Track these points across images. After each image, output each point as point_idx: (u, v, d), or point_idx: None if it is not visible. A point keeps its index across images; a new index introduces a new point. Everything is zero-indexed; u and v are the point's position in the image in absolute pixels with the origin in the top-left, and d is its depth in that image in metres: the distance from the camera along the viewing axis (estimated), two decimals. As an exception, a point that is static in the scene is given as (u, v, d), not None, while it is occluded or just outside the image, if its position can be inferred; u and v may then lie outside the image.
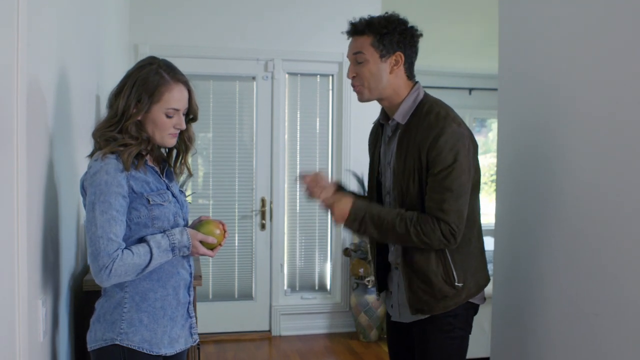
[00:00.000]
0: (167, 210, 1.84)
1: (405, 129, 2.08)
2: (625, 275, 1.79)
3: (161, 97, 1.80)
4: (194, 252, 1.87)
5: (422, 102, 2.09)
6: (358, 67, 2.10)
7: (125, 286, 1.80)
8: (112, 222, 1.71)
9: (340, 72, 5.05)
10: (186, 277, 1.92)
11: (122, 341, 1.78)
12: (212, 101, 4.91)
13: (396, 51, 2.06)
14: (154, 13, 4.75)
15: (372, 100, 2.15)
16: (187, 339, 1.94)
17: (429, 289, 2.05)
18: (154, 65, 1.83)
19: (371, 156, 2.30)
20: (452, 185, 1.97)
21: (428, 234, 1.98)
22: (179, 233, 1.82)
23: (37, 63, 1.70)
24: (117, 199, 1.72)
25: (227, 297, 5.01)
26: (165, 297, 1.85)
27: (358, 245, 4.88)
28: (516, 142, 2.43)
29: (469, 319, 2.13)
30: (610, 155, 1.86)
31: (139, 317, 1.80)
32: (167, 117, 1.82)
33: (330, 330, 5.11)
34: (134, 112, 1.79)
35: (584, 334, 1.96)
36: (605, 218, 1.87)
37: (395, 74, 2.08)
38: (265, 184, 5.01)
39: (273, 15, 4.94)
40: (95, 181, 1.72)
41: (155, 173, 1.88)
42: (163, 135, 1.84)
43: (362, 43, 2.08)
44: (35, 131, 1.68)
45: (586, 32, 1.99)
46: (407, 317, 2.15)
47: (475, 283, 2.10)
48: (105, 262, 1.68)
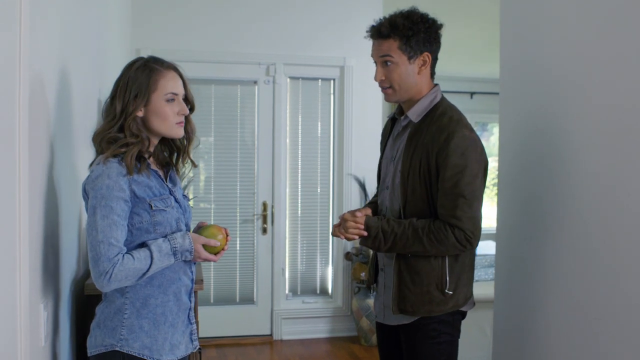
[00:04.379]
0: (170, 216, 1.82)
1: (416, 129, 2.09)
2: (627, 278, 1.78)
3: (157, 84, 1.81)
4: (196, 257, 1.85)
5: (438, 104, 2.10)
6: (386, 70, 2.09)
7: (126, 292, 1.79)
8: (113, 226, 1.70)
9: (342, 76, 5.06)
10: (187, 283, 1.91)
11: (122, 347, 1.77)
12: (213, 105, 4.91)
13: (423, 52, 2.07)
14: (155, 17, 4.76)
15: (400, 101, 2.16)
16: (188, 345, 1.93)
17: (417, 289, 2.05)
18: (140, 61, 1.84)
19: (381, 150, 2.31)
20: (464, 191, 1.97)
21: (442, 241, 1.98)
22: (181, 237, 1.81)
23: (39, 67, 1.70)
24: (118, 204, 1.72)
25: (228, 301, 5.00)
26: (166, 303, 1.84)
27: (359, 249, 4.88)
28: (517, 146, 2.43)
29: (455, 324, 2.12)
30: (613, 158, 1.86)
31: (139, 324, 1.79)
32: (167, 103, 1.81)
33: (331, 334, 5.10)
34: (133, 108, 1.79)
35: (585, 338, 1.95)
36: (607, 222, 1.87)
37: (423, 74, 2.09)
38: (266, 188, 5.01)
39: (274, 19, 4.94)
40: (97, 185, 1.72)
41: (159, 177, 1.86)
42: (170, 125, 1.83)
43: (389, 47, 2.06)
44: (37, 135, 1.68)
45: (588, 35, 1.99)
46: (391, 319, 2.16)
47: (464, 294, 2.10)
48: (106, 267, 1.67)
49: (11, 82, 1.44)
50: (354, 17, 4.92)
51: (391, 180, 2.14)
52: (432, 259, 2.04)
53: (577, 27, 2.04)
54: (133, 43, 4.66)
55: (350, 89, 5.05)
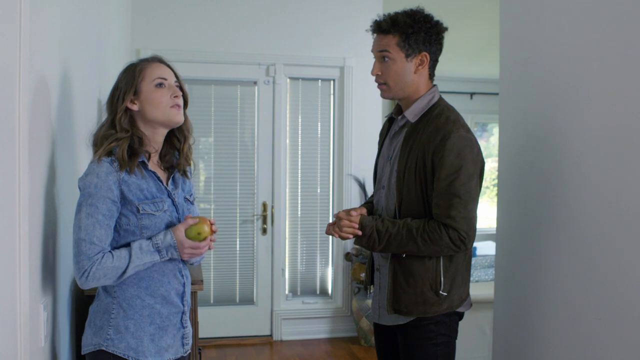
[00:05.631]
0: (159, 220, 1.80)
1: (413, 128, 2.09)
2: (627, 279, 1.78)
3: (143, 73, 1.84)
4: (182, 250, 1.79)
5: (435, 105, 2.10)
6: (383, 66, 2.10)
7: (114, 292, 1.79)
8: (96, 225, 1.70)
9: (342, 76, 5.06)
10: (178, 287, 1.88)
11: (108, 347, 1.77)
12: (213, 106, 4.91)
13: (422, 51, 2.07)
14: (155, 18, 4.76)
15: (395, 99, 2.16)
16: (178, 349, 1.90)
17: (411, 290, 2.05)
18: (129, 63, 1.90)
19: (378, 150, 2.32)
20: (459, 191, 1.97)
21: (436, 241, 1.97)
22: (162, 234, 1.78)
23: (40, 67, 1.70)
24: (105, 203, 1.72)
25: (228, 301, 5.01)
26: (153, 305, 1.82)
27: (359, 249, 4.88)
28: (517, 146, 2.43)
29: (452, 325, 2.12)
30: (612, 159, 1.86)
31: (125, 324, 1.78)
32: (157, 89, 1.82)
33: (331, 335, 5.10)
34: (123, 101, 1.81)
35: (585, 339, 1.95)
36: (607, 222, 1.87)
37: (420, 74, 2.10)
38: (266, 188, 5.01)
39: (274, 20, 4.94)
40: (85, 183, 1.73)
41: (157, 179, 1.85)
42: (164, 110, 1.82)
43: (387, 42, 2.07)
44: (37, 135, 1.68)
45: (588, 36, 1.99)
46: (386, 319, 2.16)
47: (459, 296, 2.09)
48: (85, 265, 1.68)
49: (11, 82, 1.44)
50: (353, 18, 4.92)
51: (387, 180, 2.15)
52: (427, 260, 2.04)
53: (577, 28, 2.04)
54: (133, 43, 4.66)
55: (350, 90, 5.06)
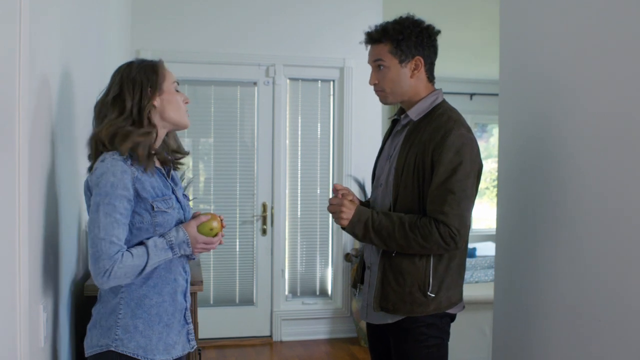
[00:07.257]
0: (171, 218, 1.83)
1: (414, 127, 2.11)
2: (627, 280, 1.78)
3: (164, 74, 1.87)
4: (195, 245, 1.83)
5: (438, 105, 2.13)
6: (379, 74, 2.13)
7: (121, 292, 1.79)
8: (115, 224, 1.70)
9: (342, 77, 5.06)
10: (182, 284, 1.91)
11: (117, 347, 1.77)
12: (213, 106, 4.91)
13: (415, 55, 2.09)
14: (155, 18, 4.76)
15: (395, 104, 2.20)
16: (185, 345, 1.93)
17: (399, 289, 2.05)
18: (135, 61, 1.89)
19: (380, 150, 2.33)
20: (454, 187, 1.97)
21: (426, 236, 1.97)
22: (175, 231, 1.81)
23: (40, 68, 1.70)
24: (122, 202, 1.72)
25: (228, 302, 5.00)
26: (161, 303, 1.83)
27: (359, 250, 4.88)
28: (517, 147, 2.43)
29: (444, 327, 2.11)
30: (612, 160, 1.86)
31: (133, 324, 1.79)
32: (176, 92, 1.89)
33: (331, 335, 5.10)
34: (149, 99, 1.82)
35: (585, 340, 1.95)
36: (607, 223, 1.87)
37: (417, 78, 2.12)
38: (266, 189, 5.01)
39: (274, 20, 4.95)
40: (101, 182, 1.72)
41: (162, 175, 1.88)
42: (182, 114, 1.90)
43: (380, 51, 2.11)
44: (37, 136, 1.69)
45: (588, 36, 1.99)
46: (373, 317, 2.16)
47: (447, 298, 2.07)
48: (106, 264, 1.68)
49: (12, 82, 1.44)
50: (353, 18, 4.93)
51: (385, 178, 2.15)
52: (417, 260, 2.04)
53: (577, 28, 2.04)
54: (133, 44, 4.66)
55: (350, 90, 5.06)
